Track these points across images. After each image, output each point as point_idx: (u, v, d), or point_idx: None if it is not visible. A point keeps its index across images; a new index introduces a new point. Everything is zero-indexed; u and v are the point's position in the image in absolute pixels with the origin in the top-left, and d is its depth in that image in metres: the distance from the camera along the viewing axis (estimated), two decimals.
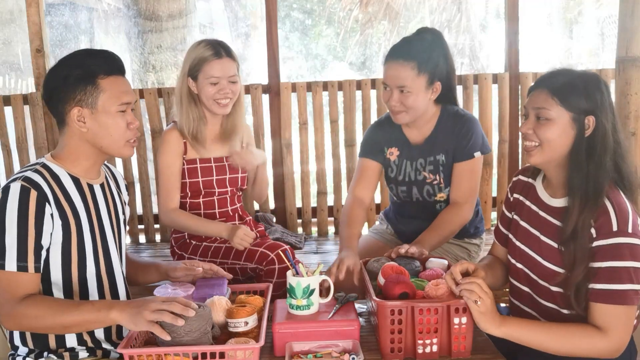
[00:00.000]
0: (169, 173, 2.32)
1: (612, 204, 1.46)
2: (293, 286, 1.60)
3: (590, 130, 1.50)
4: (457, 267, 1.53)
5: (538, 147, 1.54)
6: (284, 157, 3.36)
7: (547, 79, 1.56)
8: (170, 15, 5.09)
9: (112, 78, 1.60)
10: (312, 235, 3.47)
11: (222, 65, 2.25)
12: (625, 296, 1.42)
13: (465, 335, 1.52)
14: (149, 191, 3.45)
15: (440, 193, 2.25)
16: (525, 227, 1.66)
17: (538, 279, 1.60)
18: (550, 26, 9.81)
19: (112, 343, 1.67)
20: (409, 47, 2.12)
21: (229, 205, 2.42)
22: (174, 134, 2.31)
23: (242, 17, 10.18)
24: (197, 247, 2.35)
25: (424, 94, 2.10)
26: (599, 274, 1.44)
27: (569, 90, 1.50)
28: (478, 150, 2.19)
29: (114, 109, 1.60)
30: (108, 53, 1.64)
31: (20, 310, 1.46)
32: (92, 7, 9.07)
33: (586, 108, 1.49)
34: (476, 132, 2.20)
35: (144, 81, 5.24)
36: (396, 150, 2.29)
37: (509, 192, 1.78)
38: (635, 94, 2.40)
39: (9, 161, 3.37)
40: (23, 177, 1.52)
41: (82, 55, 1.62)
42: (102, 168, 1.76)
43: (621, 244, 1.42)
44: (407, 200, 2.31)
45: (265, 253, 2.19)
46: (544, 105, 1.52)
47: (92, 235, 1.63)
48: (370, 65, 9.62)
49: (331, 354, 1.48)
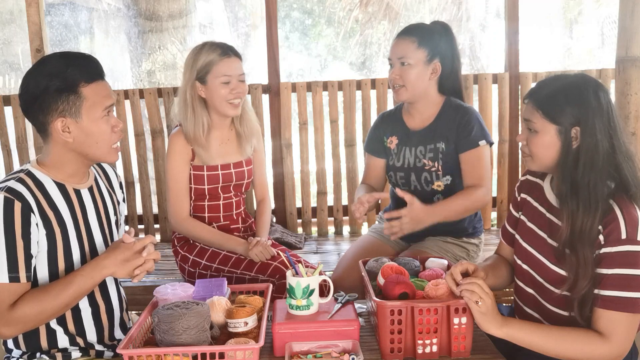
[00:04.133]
0: (178, 179, 2.29)
1: (621, 211, 1.44)
2: (293, 286, 1.60)
3: (578, 142, 1.48)
4: (457, 268, 1.53)
5: (529, 157, 1.57)
6: (284, 157, 3.36)
7: (535, 91, 1.56)
8: (170, 15, 5.10)
9: (93, 84, 1.55)
10: (312, 235, 3.47)
11: (231, 63, 2.23)
12: (630, 304, 1.41)
13: (465, 335, 1.52)
14: (149, 191, 3.45)
15: (438, 181, 2.26)
16: (531, 228, 1.65)
17: (543, 281, 1.59)
18: (550, 26, 9.80)
19: (104, 345, 1.67)
20: (414, 26, 2.28)
21: (234, 210, 2.41)
22: (180, 140, 2.28)
23: (242, 17, 10.17)
24: (204, 250, 2.32)
25: (422, 68, 2.19)
26: (606, 280, 1.43)
27: (551, 102, 1.50)
28: (483, 140, 2.20)
29: (98, 115, 1.56)
30: (87, 58, 1.59)
31: (17, 315, 1.46)
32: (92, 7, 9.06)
33: (570, 120, 1.47)
34: (477, 122, 2.22)
35: (143, 81, 5.24)
36: (395, 138, 2.34)
37: (516, 192, 1.77)
38: (635, 94, 2.40)
39: (9, 161, 3.37)
40: (6, 187, 1.49)
41: (60, 63, 1.54)
42: (92, 169, 1.72)
43: (631, 251, 1.42)
44: (406, 188, 2.32)
45: (279, 268, 2.15)
46: (530, 117, 1.53)
47: (79, 241, 1.61)
48: (370, 65, 9.61)
49: (331, 354, 1.48)
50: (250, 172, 2.42)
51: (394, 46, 2.24)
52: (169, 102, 3.32)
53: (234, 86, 2.23)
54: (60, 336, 1.59)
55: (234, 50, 2.28)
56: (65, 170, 1.61)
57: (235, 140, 2.38)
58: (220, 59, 2.22)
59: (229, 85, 2.22)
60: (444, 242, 2.31)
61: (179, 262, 2.38)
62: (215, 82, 2.22)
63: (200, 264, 2.30)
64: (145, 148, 3.42)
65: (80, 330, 1.62)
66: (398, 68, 2.20)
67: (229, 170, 2.34)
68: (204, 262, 2.29)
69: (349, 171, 3.41)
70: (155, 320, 1.45)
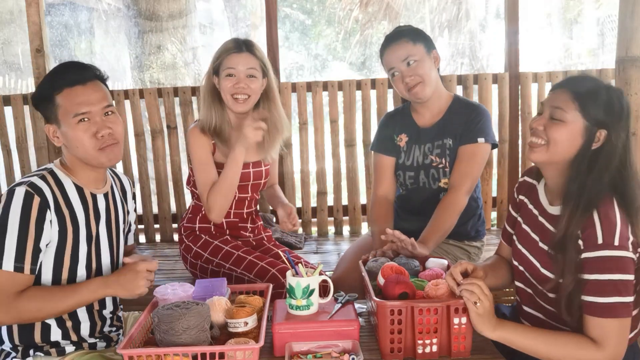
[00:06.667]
0: (205, 168, 2.25)
1: (599, 216, 1.43)
2: (293, 286, 1.60)
3: (600, 144, 1.48)
4: (457, 268, 1.53)
5: (543, 146, 1.52)
6: (284, 157, 3.36)
7: (574, 82, 1.54)
8: (170, 15, 5.10)
9: (66, 91, 1.61)
10: (312, 235, 3.47)
11: (240, 58, 2.22)
12: (612, 309, 1.40)
13: (465, 335, 1.52)
14: (149, 191, 3.45)
15: (445, 178, 2.26)
16: (526, 230, 1.65)
17: (536, 282, 1.60)
18: (550, 26, 9.81)
19: (95, 337, 1.71)
20: (398, 33, 2.27)
21: (245, 208, 2.39)
22: (197, 133, 2.26)
23: (242, 17, 10.18)
24: (208, 243, 2.32)
25: (428, 60, 2.22)
26: (587, 286, 1.43)
27: (592, 98, 1.47)
28: (483, 137, 2.20)
29: (72, 121, 1.60)
30: (69, 66, 1.66)
31: (18, 305, 1.52)
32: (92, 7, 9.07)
33: (602, 120, 1.47)
34: (485, 120, 2.23)
35: (143, 81, 5.24)
36: (405, 136, 2.35)
37: (515, 192, 1.77)
38: (635, 94, 2.40)
39: (9, 161, 3.37)
40: (29, 182, 1.57)
41: (50, 73, 1.67)
42: (109, 177, 1.78)
43: (607, 257, 1.41)
44: (414, 187, 2.33)
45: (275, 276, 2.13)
46: (562, 105, 1.50)
47: (87, 242, 1.67)
48: (370, 65, 9.62)
49: (331, 354, 1.48)
50: (267, 172, 2.40)
51: (391, 55, 2.23)
52: (169, 102, 3.32)
53: (237, 80, 2.21)
54: (54, 330, 1.64)
55: (250, 47, 2.25)
56: (81, 174, 1.68)
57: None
58: (232, 52, 2.23)
59: (233, 79, 2.21)
60: (445, 243, 2.31)
61: (182, 252, 2.38)
62: (222, 75, 2.23)
63: (203, 257, 2.30)
64: (145, 148, 3.42)
65: (75, 325, 1.66)
66: (406, 69, 2.20)
67: (248, 170, 2.31)
68: (206, 255, 2.29)
69: (349, 171, 3.41)
70: (155, 320, 1.45)
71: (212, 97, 2.28)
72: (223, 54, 2.24)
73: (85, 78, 1.63)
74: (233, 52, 2.22)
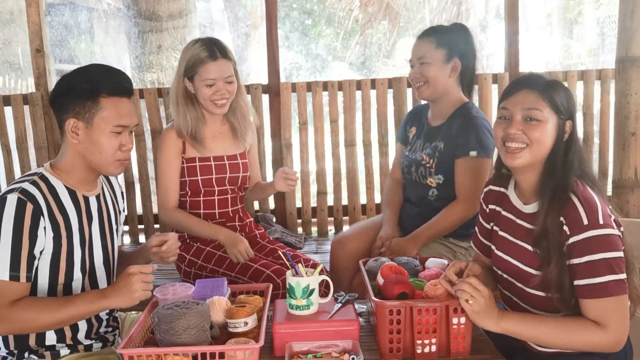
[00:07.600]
0: (167, 172, 2.31)
1: (578, 198, 1.46)
2: (293, 286, 1.60)
3: (567, 135, 1.52)
4: (451, 269, 1.53)
5: (526, 148, 1.52)
6: (284, 157, 3.36)
7: (532, 80, 1.56)
8: (170, 15, 5.10)
9: (114, 99, 1.60)
10: (312, 235, 3.48)
11: (217, 66, 2.23)
12: (607, 288, 1.41)
13: (464, 335, 1.52)
14: (149, 191, 3.45)
15: (430, 178, 2.31)
16: (504, 237, 1.65)
17: (523, 286, 1.58)
18: (550, 26, 9.81)
19: (92, 339, 1.69)
20: (432, 29, 2.37)
21: (230, 206, 2.41)
22: (172, 134, 2.31)
23: (242, 17, 10.18)
24: (201, 250, 2.32)
25: (441, 66, 2.26)
26: (579, 270, 1.44)
27: (555, 93, 1.52)
28: (475, 150, 2.20)
29: (109, 129, 1.60)
30: (119, 74, 1.65)
31: (13, 315, 1.49)
32: (92, 7, 9.08)
33: (568, 111, 1.52)
34: (477, 132, 2.20)
35: (143, 81, 5.24)
36: (414, 129, 2.46)
37: (482, 204, 1.76)
38: (635, 94, 2.41)
39: (9, 161, 3.37)
40: (20, 189, 1.53)
41: (94, 70, 1.64)
42: (100, 178, 1.77)
43: (594, 236, 1.42)
44: (408, 178, 2.42)
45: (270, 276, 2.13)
46: (536, 106, 1.51)
47: (81, 245, 1.65)
48: (370, 65, 9.61)
49: (331, 354, 1.48)
50: (245, 166, 2.41)
51: (414, 48, 2.33)
52: (168, 102, 3.32)
53: (218, 88, 2.24)
54: (49, 333, 1.61)
55: (223, 51, 2.26)
56: (75, 176, 1.66)
57: (229, 134, 2.40)
58: (207, 61, 2.22)
59: (214, 87, 2.23)
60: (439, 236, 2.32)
61: (176, 262, 2.37)
62: (200, 83, 2.24)
63: (196, 264, 2.30)
64: (145, 148, 3.42)
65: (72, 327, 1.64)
66: (418, 67, 2.29)
67: (223, 162, 2.35)
68: (200, 262, 2.29)
69: (349, 171, 3.41)
70: (155, 320, 1.45)
71: (186, 100, 2.30)
72: (198, 63, 2.23)
73: (130, 92, 1.65)
74: (209, 61, 2.22)
